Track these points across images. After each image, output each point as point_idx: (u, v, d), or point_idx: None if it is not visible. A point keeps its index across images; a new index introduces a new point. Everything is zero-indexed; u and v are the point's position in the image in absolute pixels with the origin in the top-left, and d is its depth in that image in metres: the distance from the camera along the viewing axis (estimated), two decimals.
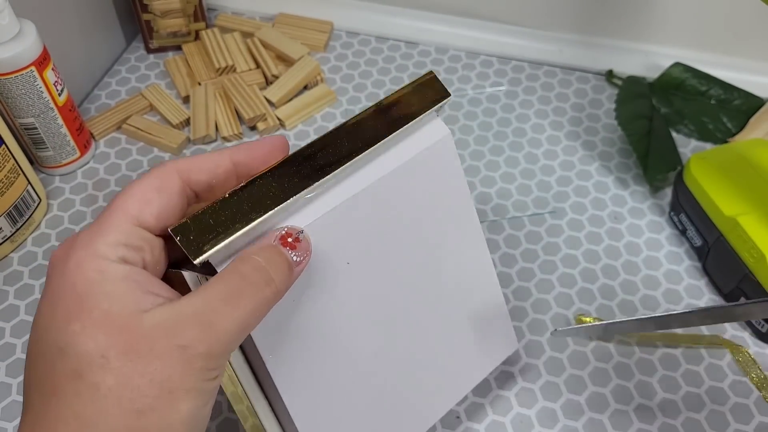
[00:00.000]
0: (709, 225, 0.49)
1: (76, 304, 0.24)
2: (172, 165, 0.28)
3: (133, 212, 0.26)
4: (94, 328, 0.24)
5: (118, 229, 0.26)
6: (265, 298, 0.26)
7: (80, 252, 0.25)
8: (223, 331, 0.24)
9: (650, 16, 0.63)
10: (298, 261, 0.27)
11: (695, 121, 0.60)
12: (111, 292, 0.24)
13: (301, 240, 0.28)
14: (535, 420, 0.44)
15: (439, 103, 0.34)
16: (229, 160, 0.29)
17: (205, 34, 0.66)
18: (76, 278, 0.25)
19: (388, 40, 0.68)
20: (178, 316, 0.24)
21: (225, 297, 0.25)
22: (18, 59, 0.49)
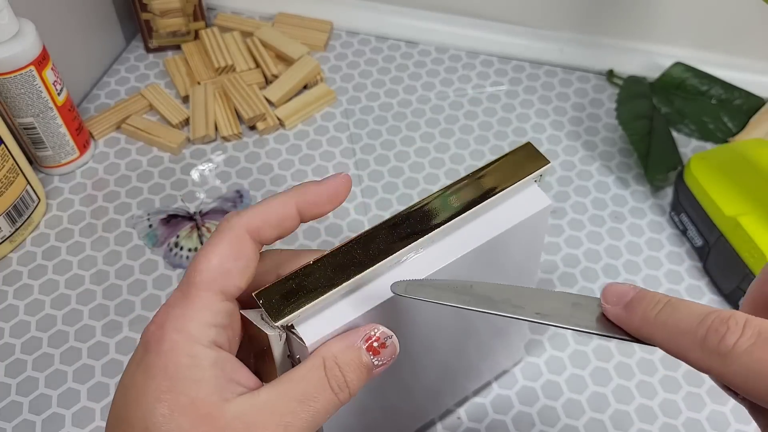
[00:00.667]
0: (709, 225, 0.49)
1: (167, 387, 0.25)
2: (241, 226, 0.28)
3: (217, 288, 0.27)
4: (180, 414, 0.25)
5: (208, 309, 0.27)
6: (337, 403, 0.26)
7: (174, 335, 0.26)
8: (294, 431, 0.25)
9: (651, 15, 0.63)
10: (379, 365, 0.27)
11: (696, 121, 0.60)
12: (199, 380, 0.25)
13: (387, 345, 0.27)
14: (536, 419, 0.44)
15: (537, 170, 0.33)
16: (294, 209, 0.29)
17: (204, 34, 0.65)
18: (169, 361, 0.25)
19: (388, 40, 0.68)
20: (258, 412, 0.25)
21: (302, 398, 0.26)
22: (17, 59, 0.48)
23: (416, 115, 0.62)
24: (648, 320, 0.24)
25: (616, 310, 0.25)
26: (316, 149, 0.59)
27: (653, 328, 0.24)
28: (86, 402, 0.45)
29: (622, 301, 0.25)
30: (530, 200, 0.34)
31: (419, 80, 0.64)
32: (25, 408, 0.44)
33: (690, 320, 0.23)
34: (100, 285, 0.50)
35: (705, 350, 0.22)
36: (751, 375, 0.21)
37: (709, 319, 0.22)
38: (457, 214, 0.31)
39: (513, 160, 0.33)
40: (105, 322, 0.48)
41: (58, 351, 0.47)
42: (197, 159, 0.58)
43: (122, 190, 0.56)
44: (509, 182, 0.32)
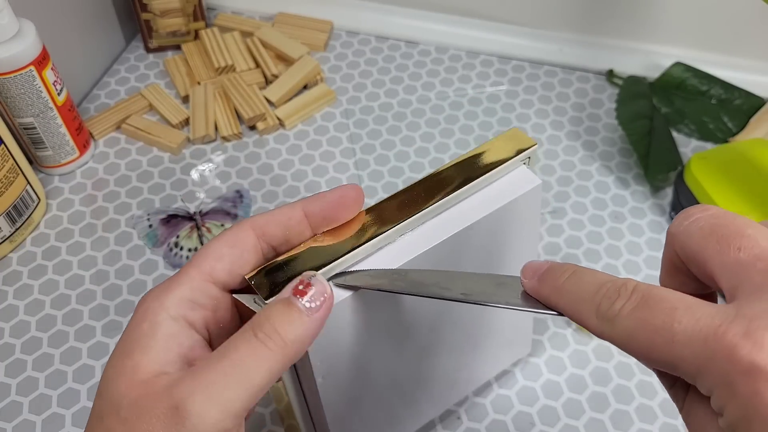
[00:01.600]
0: None
1: (120, 351, 0.26)
2: (246, 222, 0.29)
3: (205, 268, 0.28)
4: (121, 376, 0.25)
5: (188, 285, 0.27)
6: (268, 353, 0.25)
7: (150, 303, 0.27)
8: (219, 390, 0.24)
9: (651, 15, 0.63)
10: (313, 308, 0.26)
11: (696, 121, 0.60)
12: (148, 347, 0.26)
13: (313, 284, 0.27)
14: (536, 419, 0.44)
15: (524, 151, 0.33)
16: (301, 211, 0.29)
17: (204, 34, 0.65)
18: (135, 326, 0.27)
19: (388, 40, 0.68)
20: (184, 376, 0.25)
21: (223, 354, 0.25)
22: (17, 59, 0.48)
23: (416, 115, 0.62)
24: (556, 289, 0.25)
25: (532, 283, 0.26)
26: (316, 149, 0.59)
27: (559, 296, 0.25)
28: (86, 402, 0.45)
29: (537, 275, 0.26)
30: (519, 180, 0.34)
31: (419, 80, 0.64)
32: (25, 408, 0.44)
33: (589, 288, 0.23)
34: (100, 285, 0.50)
35: (599, 316, 0.22)
36: (631, 334, 0.21)
37: (605, 287, 0.23)
38: (442, 197, 0.31)
39: (499, 145, 0.33)
40: (105, 322, 0.48)
41: (58, 351, 0.47)
42: (197, 159, 0.58)
43: (122, 190, 0.56)
44: (495, 164, 0.33)
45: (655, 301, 0.21)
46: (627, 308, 0.22)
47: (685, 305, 0.20)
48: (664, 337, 0.20)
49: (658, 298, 0.21)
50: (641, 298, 0.21)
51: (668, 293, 0.21)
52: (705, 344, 0.19)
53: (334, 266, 0.29)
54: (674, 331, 0.20)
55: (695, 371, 0.20)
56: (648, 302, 0.21)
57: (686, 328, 0.20)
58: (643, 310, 0.21)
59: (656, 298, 0.21)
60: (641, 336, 0.21)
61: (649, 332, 0.21)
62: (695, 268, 0.23)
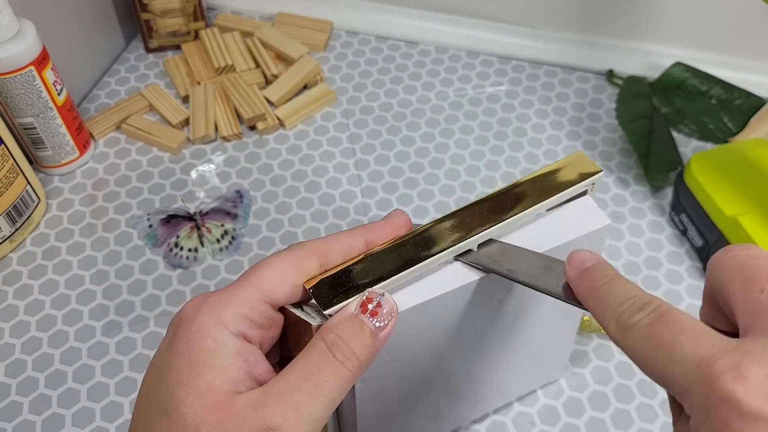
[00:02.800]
0: (709, 225, 0.49)
1: (188, 369, 0.25)
2: (310, 247, 0.29)
3: (267, 289, 0.27)
4: (195, 397, 0.25)
5: (247, 303, 0.27)
6: (346, 373, 0.26)
7: (206, 317, 0.26)
8: (307, 410, 0.25)
9: (651, 15, 0.63)
10: (381, 327, 0.27)
11: (696, 121, 0.60)
12: (219, 366, 0.25)
13: (383, 304, 0.27)
14: (536, 418, 0.44)
15: (590, 177, 0.33)
16: (362, 240, 0.30)
17: (204, 34, 0.65)
18: (195, 342, 0.26)
19: (388, 40, 0.68)
20: (267, 396, 0.25)
21: (307, 375, 0.25)
22: (17, 59, 0.48)
23: (416, 115, 0.62)
24: (591, 289, 0.26)
25: (573, 275, 0.27)
26: (316, 149, 0.59)
27: (592, 297, 0.26)
28: (86, 402, 0.45)
29: (581, 267, 0.27)
30: (589, 215, 0.34)
31: (419, 80, 0.64)
32: (25, 408, 0.44)
33: (619, 297, 0.24)
34: (100, 285, 0.50)
35: (618, 325, 0.24)
36: (639, 346, 0.22)
37: (632, 299, 0.24)
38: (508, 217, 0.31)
39: (563, 169, 0.33)
40: (105, 322, 0.48)
41: (58, 351, 0.47)
42: (197, 159, 0.58)
43: (122, 190, 0.56)
44: (562, 186, 0.32)
45: (668, 320, 0.22)
46: (642, 322, 0.23)
47: (693, 330, 0.21)
48: (664, 354, 0.21)
49: (672, 318, 0.22)
50: (658, 315, 0.23)
51: (683, 316, 0.22)
52: (696, 367, 0.20)
53: (393, 280, 0.29)
54: (674, 350, 0.21)
55: (683, 391, 0.21)
56: (661, 320, 0.22)
57: (685, 350, 0.21)
58: (655, 327, 0.22)
59: (670, 319, 0.22)
60: (646, 349, 0.22)
61: (654, 347, 0.22)
62: (722, 302, 0.23)
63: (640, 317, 0.23)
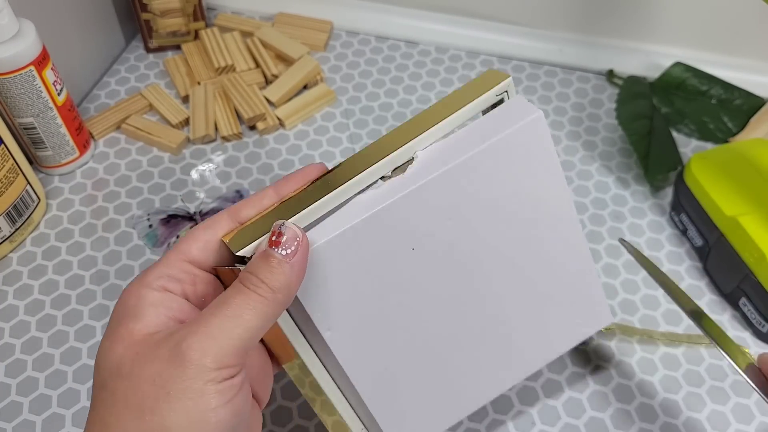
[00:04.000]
0: (709, 225, 0.49)
1: (113, 325, 0.28)
2: (225, 209, 0.31)
3: (181, 249, 0.30)
4: (116, 342, 0.27)
5: (164, 264, 0.30)
6: (258, 298, 0.27)
7: (132, 284, 0.29)
8: (218, 330, 0.26)
9: (651, 15, 0.63)
10: (288, 254, 0.28)
11: (696, 121, 0.60)
12: (139, 314, 0.28)
13: (284, 232, 0.28)
14: (537, 418, 0.44)
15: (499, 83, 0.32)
16: (272, 191, 0.32)
17: (204, 34, 0.65)
18: (121, 304, 0.29)
19: (388, 40, 0.68)
20: (185, 328, 0.27)
21: (218, 303, 0.27)
22: (17, 59, 0.48)
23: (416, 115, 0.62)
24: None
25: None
26: (316, 149, 0.59)
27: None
28: (86, 402, 0.45)
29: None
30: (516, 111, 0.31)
31: (419, 80, 0.64)
32: (25, 408, 0.44)
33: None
34: (100, 285, 0.50)
35: None
36: None
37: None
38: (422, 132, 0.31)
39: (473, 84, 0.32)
40: (105, 322, 0.48)
41: (58, 351, 0.47)
42: (197, 159, 0.58)
43: (122, 190, 0.56)
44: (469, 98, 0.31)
45: None
46: None
47: None
48: None
49: None
50: None
51: None
52: None
53: (306, 213, 0.29)
54: None
55: None
56: None
57: None
58: None
59: None
60: None
61: None
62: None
63: None
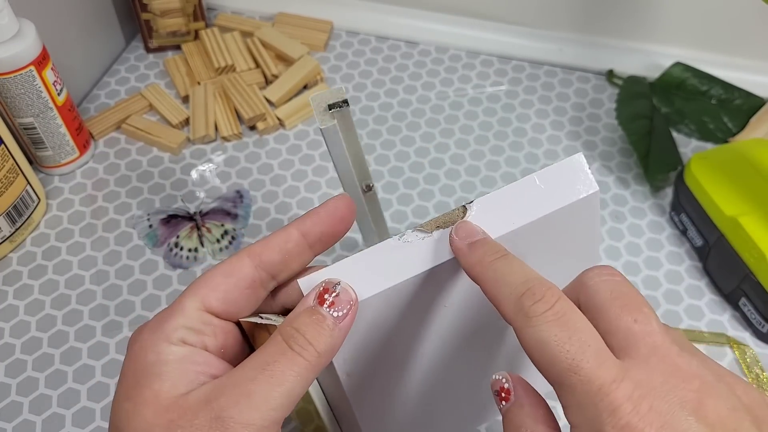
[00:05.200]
0: (709, 225, 0.49)
1: (133, 385, 0.26)
2: (243, 250, 0.29)
3: (198, 298, 0.28)
4: (143, 406, 0.25)
5: (182, 314, 0.27)
6: (303, 362, 0.25)
7: (146, 335, 0.27)
8: (262, 399, 0.24)
9: (651, 15, 0.63)
10: (340, 316, 0.26)
11: (696, 121, 0.60)
12: (164, 373, 0.25)
13: (340, 294, 0.26)
14: None
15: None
16: (297, 232, 0.29)
17: (204, 34, 0.65)
18: (138, 360, 0.26)
19: (388, 40, 0.68)
20: (220, 388, 0.25)
21: (262, 366, 0.25)
22: (17, 59, 0.48)
23: (416, 115, 0.62)
24: (483, 263, 0.26)
25: (460, 244, 0.28)
26: (316, 149, 0.59)
27: (485, 270, 0.26)
28: (86, 402, 0.45)
29: (469, 239, 0.27)
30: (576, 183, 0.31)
31: (419, 80, 0.64)
32: (25, 408, 0.44)
33: (516, 276, 0.25)
34: (100, 285, 0.50)
35: (517, 306, 0.24)
36: (543, 342, 0.23)
37: (532, 282, 0.24)
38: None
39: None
40: (105, 322, 0.48)
41: (58, 351, 0.47)
42: (197, 159, 0.58)
43: (122, 190, 0.56)
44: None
45: (575, 326, 0.23)
46: (548, 317, 0.23)
47: (597, 346, 0.23)
48: (569, 364, 0.23)
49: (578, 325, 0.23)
50: (563, 314, 0.23)
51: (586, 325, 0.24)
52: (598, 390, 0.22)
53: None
54: (581, 365, 0.22)
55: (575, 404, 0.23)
56: (568, 323, 0.23)
57: (590, 368, 0.22)
58: (562, 330, 0.23)
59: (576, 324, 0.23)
60: (550, 349, 0.23)
61: (559, 351, 0.23)
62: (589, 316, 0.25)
63: (545, 309, 0.23)
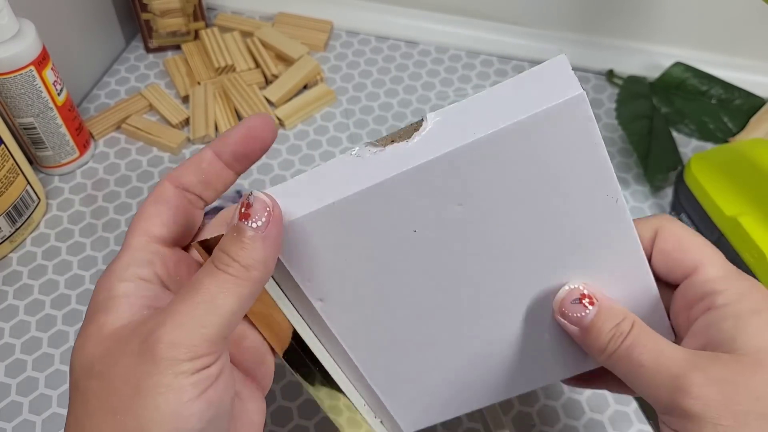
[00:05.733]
0: (709, 225, 0.49)
1: (84, 323, 0.26)
2: (162, 179, 0.29)
3: (140, 231, 0.28)
4: (87, 339, 0.25)
5: (129, 251, 0.28)
6: (231, 280, 0.25)
7: (103, 275, 0.27)
8: (188, 318, 0.24)
9: (651, 15, 0.63)
10: (260, 226, 0.25)
11: (696, 121, 0.60)
12: (110, 307, 0.26)
13: (252, 203, 0.25)
14: (536, 418, 0.44)
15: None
16: (210, 152, 0.29)
17: (204, 34, 0.65)
18: (92, 302, 0.27)
19: (388, 40, 0.68)
20: (157, 314, 0.24)
21: (189, 289, 0.25)
22: (17, 59, 0.48)
23: (416, 115, 0.62)
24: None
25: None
26: (316, 149, 0.59)
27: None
28: None
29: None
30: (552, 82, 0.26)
31: (419, 80, 0.64)
32: (25, 408, 0.44)
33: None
34: None
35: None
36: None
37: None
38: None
39: None
40: None
41: (58, 351, 0.47)
42: None
43: (122, 190, 0.56)
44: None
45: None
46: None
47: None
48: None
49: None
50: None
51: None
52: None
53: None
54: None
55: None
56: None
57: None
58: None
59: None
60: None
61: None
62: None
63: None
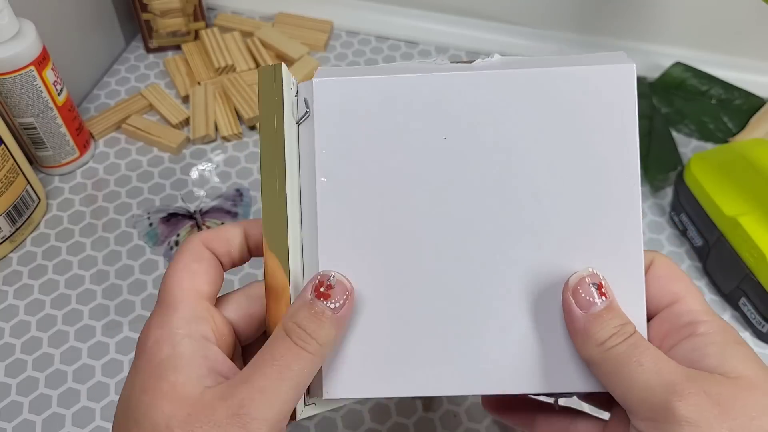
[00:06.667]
0: (709, 225, 0.49)
1: (151, 378, 0.26)
2: (194, 239, 0.30)
3: (187, 286, 0.29)
4: (161, 399, 0.25)
5: (183, 304, 0.28)
6: (307, 356, 0.26)
7: (157, 331, 0.27)
8: (274, 395, 0.25)
9: (651, 15, 0.63)
10: (338, 307, 0.27)
11: (696, 121, 0.60)
12: (179, 366, 0.26)
13: (334, 285, 0.28)
14: None
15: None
16: (239, 228, 0.31)
17: (204, 34, 0.65)
18: (153, 355, 0.27)
19: (388, 40, 0.68)
20: (234, 387, 0.26)
21: (270, 362, 0.26)
22: (17, 59, 0.48)
23: None
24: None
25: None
26: None
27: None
28: (86, 402, 0.45)
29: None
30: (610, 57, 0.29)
31: None
32: (25, 408, 0.44)
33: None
34: (100, 285, 0.50)
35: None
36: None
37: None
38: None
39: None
40: (105, 322, 0.48)
41: (58, 351, 0.47)
42: (197, 159, 0.58)
43: (122, 190, 0.56)
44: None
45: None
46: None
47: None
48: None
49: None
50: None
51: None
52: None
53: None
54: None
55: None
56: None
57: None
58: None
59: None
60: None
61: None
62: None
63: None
